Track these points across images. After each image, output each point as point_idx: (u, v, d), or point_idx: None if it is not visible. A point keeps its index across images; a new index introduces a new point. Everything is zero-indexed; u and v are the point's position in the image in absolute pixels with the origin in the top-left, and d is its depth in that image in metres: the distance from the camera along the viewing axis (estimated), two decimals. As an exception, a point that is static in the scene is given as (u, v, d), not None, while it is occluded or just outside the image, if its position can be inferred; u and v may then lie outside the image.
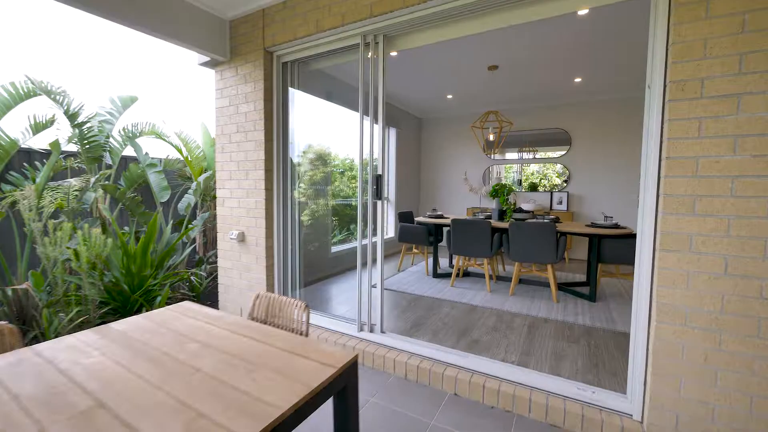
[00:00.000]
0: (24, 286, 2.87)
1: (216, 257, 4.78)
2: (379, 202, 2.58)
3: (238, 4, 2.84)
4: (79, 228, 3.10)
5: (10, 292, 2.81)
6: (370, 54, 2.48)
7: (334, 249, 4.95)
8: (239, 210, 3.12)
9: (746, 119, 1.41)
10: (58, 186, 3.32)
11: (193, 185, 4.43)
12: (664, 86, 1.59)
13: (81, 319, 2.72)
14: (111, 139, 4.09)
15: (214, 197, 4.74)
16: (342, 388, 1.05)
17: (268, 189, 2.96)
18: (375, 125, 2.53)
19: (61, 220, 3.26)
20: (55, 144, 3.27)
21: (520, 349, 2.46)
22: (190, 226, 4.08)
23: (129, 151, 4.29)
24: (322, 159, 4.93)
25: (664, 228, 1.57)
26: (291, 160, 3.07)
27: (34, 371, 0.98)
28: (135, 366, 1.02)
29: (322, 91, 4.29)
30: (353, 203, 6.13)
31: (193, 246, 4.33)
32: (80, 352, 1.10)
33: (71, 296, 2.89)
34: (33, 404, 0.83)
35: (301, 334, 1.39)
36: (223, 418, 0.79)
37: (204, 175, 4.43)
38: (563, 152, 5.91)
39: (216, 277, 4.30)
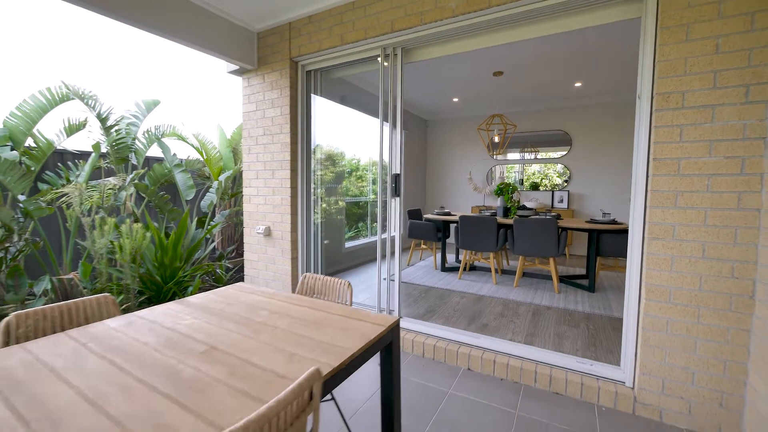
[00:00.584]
0: (71, 276, 3.14)
1: (234, 253, 5.05)
2: (397, 199, 2.84)
3: (266, 17, 3.10)
4: (120, 223, 3.36)
5: (56, 282, 3.08)
6: (387, 64, 2.74)
7: (347, 245, 5.21)
8: (265, 207, 3.38)
9: (720, 127, 1.67)
10: (97, 184, 3.58)
11: (215, 184, 4.69)
12: (652, 97, 1.85)
13: (123, 306, 2.98)
14: (136, 141, 4.36)
15: (232, 196, 5.01)
16: (389, 343, 1.31)
17: (293, 187, 3.22)
18: (393, 129, 2.79)
19: (102, 216, 3.52)
20: (97, 146, 3.54)
21: (526, 331, 2.72)
22: (213, 223, 4.34)
23: (151, 152, 4.56)
24: (335, 159, 5.20)
25: (651, 219, 1.83)
26: (312, 160, 3.33)
27: (146, 328, 1.25)
28: (225, 325, 1.28)
29: (338, 96, 4.55)
30: (361, 202, 6.39)
31: (214, 242, 4.59)
32: (174, 317, 1.36)
33: (113, 285, 3.16)
34: (162, 348, 1.10)
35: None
36: (311, 355, 1.05)
37: (225, 175, 4.69)
38: (564, 152, 6.16)
39: (237, 270, 4.57)
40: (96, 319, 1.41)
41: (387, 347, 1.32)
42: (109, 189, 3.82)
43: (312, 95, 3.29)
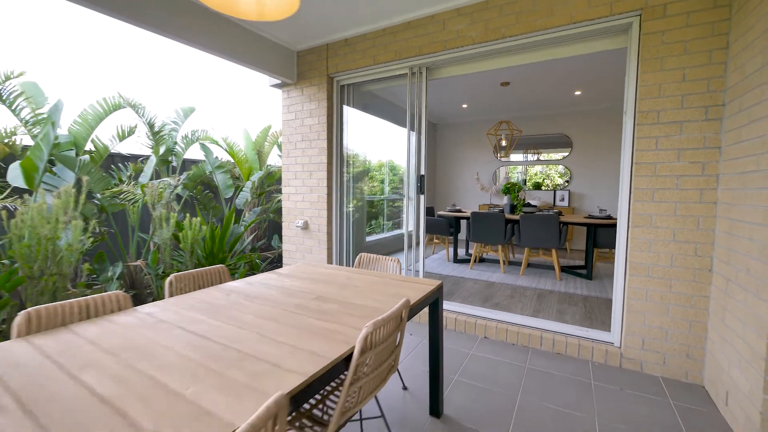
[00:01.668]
0: (139, 263, 3.63)
1: (266, 246, 5.54)
2: (421, 196, 3.32)
3: (307, 40, 3.59)
4: (177, 219, 3.85)
5: (123, 268, 3.57)
6: (414, 81, 3.22)
7: (368, 239, 5.69)
8: (303, 203, 3.87)
9: (686, 138, 2.15)
10: (158, 183, 4.08)
11: (248, 184, 5.18)
12: (635, 114, 2.32)
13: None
14: (176, 145, 4.85)
15: (261, 194, 5.50)
16: (435, 300, 1.78)
17: (329, 186, 3.70)
18: (419, 137, 3.27)
19: (167, 212, 4.01)
20: (156, 150, 4.02)
21: (532, 309, 3.20)
22: (252, 219, 4.83)
23: (187, 154, 5.04)
24: (360, 162, 5.68)
25: (634, 211, 2.31)
26: (344, 163, 3.82)
27: (263, 286, 1.73)
28: (317, 285, 1.76)
29: (361, 104, 5.04)
30: (375, 201, 6.88)
31: (251, 236, 5.08)
32: (276, 280, 1.84)
33: (173, 271, 3.64)
34: (284, 296, 1.58)
35: (393, 279, 2.13)
36: (392, 303, 1.53)
37: (257, 175, 5.18)
38: (566, 153, 6.63)
39: (270, 261, 5.06)
40: (207, 285, 1.89)
41: (434, 303, 1.80)
42: (161, 188, 4.32)
43: (344, 106, 3.78)
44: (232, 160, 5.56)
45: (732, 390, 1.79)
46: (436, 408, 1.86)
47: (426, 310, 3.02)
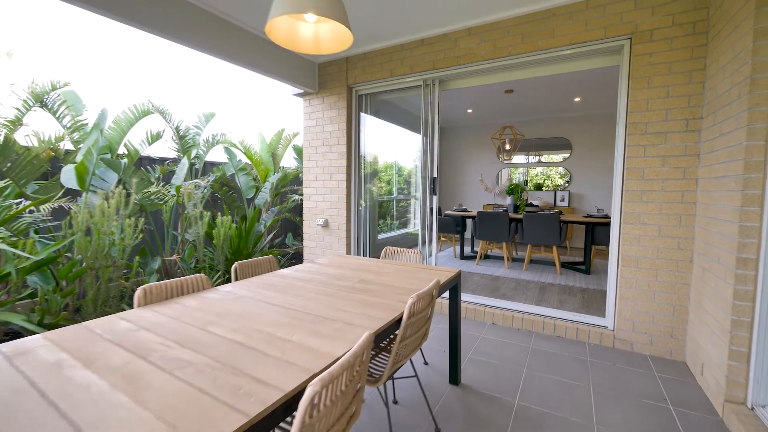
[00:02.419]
0: (174, 257, 3.96)
1: (283, 243, 5.86)
2: (434, 197, 3.64)
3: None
4: (203, 218, 4.17)
5: (160, 263, 3.89)
6: (427, 92, 3.54)
7: (380, 236, 6.01)
8: (323, 203, 4.19)
9: (670, 146, 2.47)
10: (189, 184, 4.40)
11: (267, 185, 5.50)
12: (626, 125, 2.64)
13: (216, 280, 3.79)
14: (199, 148, 5.17)
15: (276, 195, 5.82)
16: (455, 285, 2.11)
17: (348, 187, 4.03)
18: (432, 142, 3.59)
19: (192, 210, 4.33)
20: (189, 154, 4.35)
21: (535, 299, 3.52)
22: (271, 218, 5.16)
23: (208, 157, 5.36)
24: (374, 165, 6.01)
25: (625, 210, 2.63)
26: (361, 166, 4.14)
27: (308, 273, 2.05)
28: (354, 272, 2.08)
29: (374, 110, 5.36)
30: (384, 201, 7.20)
31: (270, 234, 5.41)
32: (317, 269, 2.16)
33: (206, 266, 3.97)
34: (332, 279, 1.90)
35: (415, 269, 2.45)
36: (423, 284, 1.86)
37: (275, 176, 5.50)
38: (566, 155, 6.96)
39: (289, 257, 5.38)
40: (262, 272, 2.22)
41: (453, 288, 2.12)
42: (192, 189, 4.64)
43: (361, 113, 4.10)
44: (250, 162, 5.88)
45: (706, 362, 2.12)
46: (455, 377, 2.18)
47: (439, 302, 3.35)
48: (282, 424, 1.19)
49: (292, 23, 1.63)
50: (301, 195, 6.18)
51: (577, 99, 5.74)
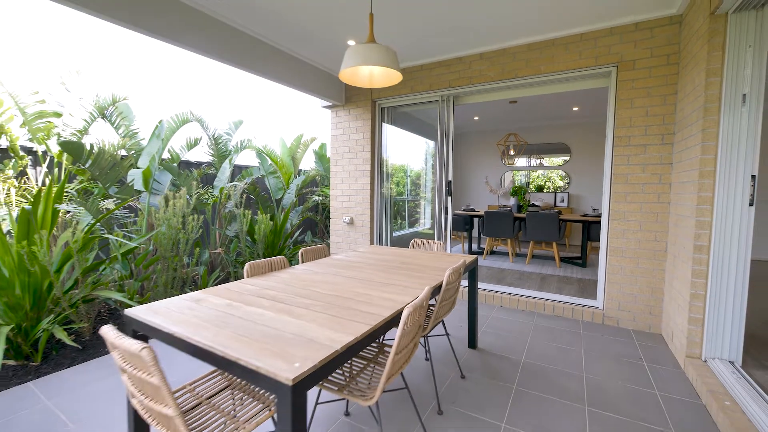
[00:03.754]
0: (218, 251, 4.49)
1: (303, 240, 6.39)
2: (449, 198, 4.17)
3: (355, 71, 4.44)
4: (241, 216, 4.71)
5: (207, 255, 4.43)
6: (443, 106, 4.08)
7: (394, 233, 6.54)
8: (348, 203, 4.73)
9: (649, 156, 3.00)
10: (230, 186, 4.95)
11: (292, 187, 6.04)
12: (613, 138, 3.17)
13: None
14: (232, 154, 5.70)
15: (298, 196, 6.35)
16: (473, 268, 2.64)
17: (371, 189, 4.56)
18: (446, 150, 4.12)
19: (233, 209, 4.87)
20: (231, 159, 4.89)
21: (537, 286, 4.05)
22: (297, 218, 5.69)
23: (237, 161, 5.89)
24: (392, 168, 6.54)
25: (613, 209, 3.16)
26: (383, 170, 4.67)
27: (357, 258, 2.58)
28: (392, 258, 2.62)
29: (391, 119, 5.91)
30: (399, 201, 7.73)
31: (298, 231, 5.94)
32: (359, 256, 2.69)
33: (247, 258, 4.51)
34: (378, 263, 2.43)
35: (438, 256, 2.98)
36: (450, 265, 2.39)
37: (300, 179, 6.04)
38: (566, 158, 7.48)
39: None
40: (319, 258, 2.75)
41: (472, 271, 2.65)
42: (232, 189, 5.18)
43: (383, 124, 4.64)
44: (275, 165, 6.41)
45: (675, 331, 2.64)
46: (473, 342, 2.71)
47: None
48: (366, 352, 1.73)
49: (356, 68, 2.17)
50: (319, 196, 6.72)
51: (575, 108, 6.27)
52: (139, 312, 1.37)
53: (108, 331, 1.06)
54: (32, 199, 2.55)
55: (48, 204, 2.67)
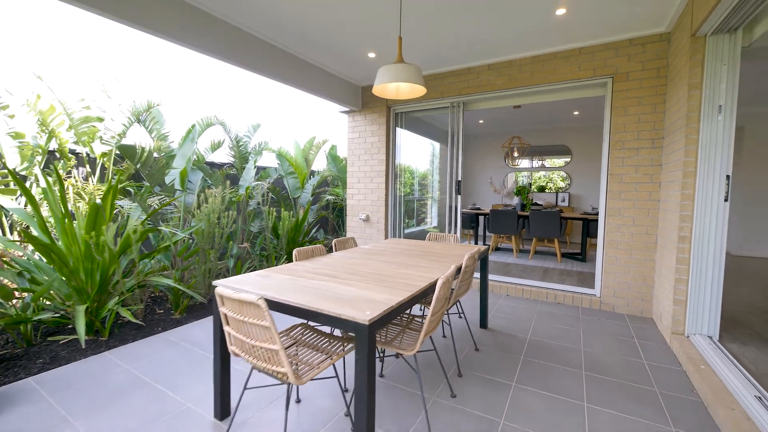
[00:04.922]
0: (245, 245, 4.85)
1: (317, 237, 6.75)
2: (458, 197, 4.53)
3: (370, 79, 4.81)
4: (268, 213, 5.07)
5: (236, 249, 4.78)
6: (453, 112, 4.44)
7: (406, 231, 6.90)
8: (364, 201, 5.09)
9: (641, 158, 3.35)
10: (255, 185, 5.31)
11: (308, 187, 6.40)
12: (609, 142, 3.52)
13: (282, 262, 4.68)
14: (251, 155, 6.05)
15: (313, 194, 6.70)
16: (485, 256, 2.99)
17: (386, 188, 4.92)
18: (457, 152, 4.48)
19: (258, 207, 5.24)
20: (255, 161, 5.25)
21: (540, 278, 4.40)
22: (314, 215, 6.05)
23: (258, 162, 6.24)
24: (403, 169, 6.89)
25: (609, 206, 3.51)
26: (396, 171, 5.03)
27: (387, 247, 2.93)
28: (412, 248, 2.97)
29: (402, 123, 6.27)
30: (408, 200, 8.10)
31: (315, 228, 6.30)
32: (385, 246, 3.05)
33: (269, 253, 4.86)
34: (405, 251, 2.79)
35: (452, 248, 3.33)
36: (463, 252, 2.74)
37: (315, 179, 6.40)
38: (567, 160, 7.83)
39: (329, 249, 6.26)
40: (348, 248, 3.10)
41: (483, 261, 3.01)
42: (256, 189, 5.54)
43: (397, 128, 5.00)
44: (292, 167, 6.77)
45: (663, 313, 2.99)
46: (484, 323, 3.07)
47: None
48: (400, 321, 2.08)
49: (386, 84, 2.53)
50: (331, 195, 7.08)
51: (576, 112, 6.62)
52: (230, 283, 1.73)
53: (223, 289, 1.41)
54: (102, 195, 2.91)
55: (109, 200, 3.03)
